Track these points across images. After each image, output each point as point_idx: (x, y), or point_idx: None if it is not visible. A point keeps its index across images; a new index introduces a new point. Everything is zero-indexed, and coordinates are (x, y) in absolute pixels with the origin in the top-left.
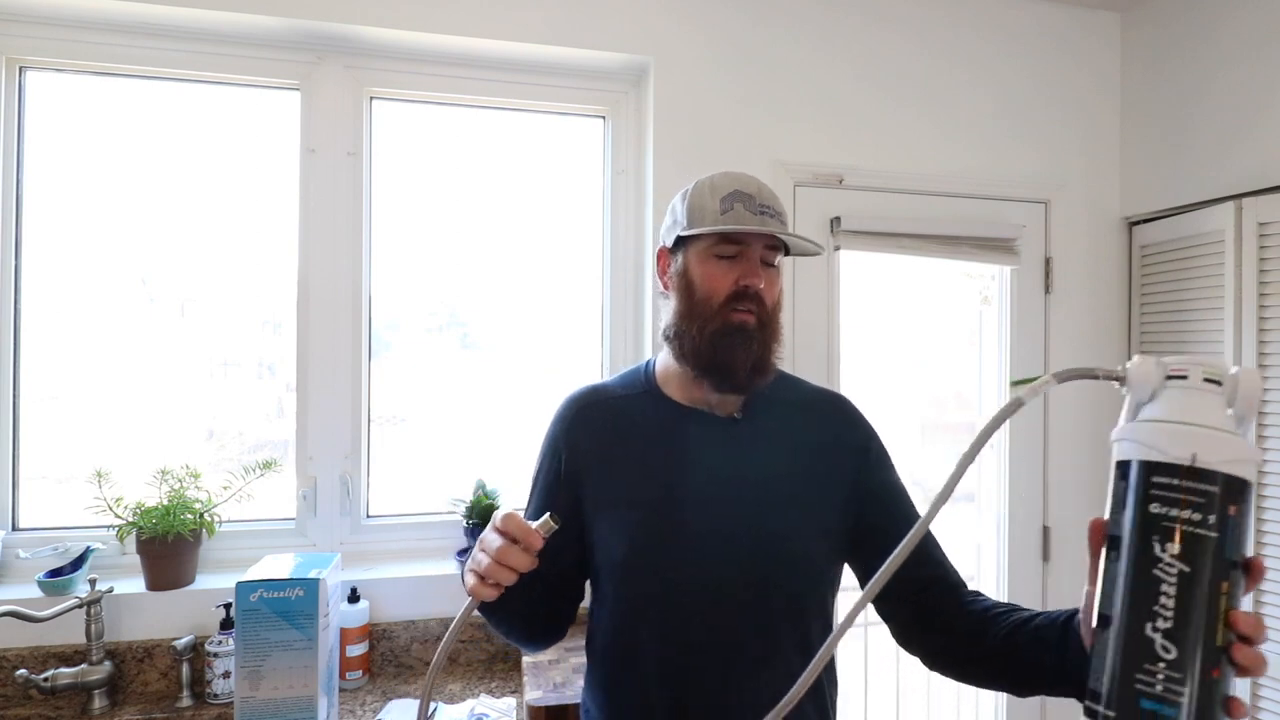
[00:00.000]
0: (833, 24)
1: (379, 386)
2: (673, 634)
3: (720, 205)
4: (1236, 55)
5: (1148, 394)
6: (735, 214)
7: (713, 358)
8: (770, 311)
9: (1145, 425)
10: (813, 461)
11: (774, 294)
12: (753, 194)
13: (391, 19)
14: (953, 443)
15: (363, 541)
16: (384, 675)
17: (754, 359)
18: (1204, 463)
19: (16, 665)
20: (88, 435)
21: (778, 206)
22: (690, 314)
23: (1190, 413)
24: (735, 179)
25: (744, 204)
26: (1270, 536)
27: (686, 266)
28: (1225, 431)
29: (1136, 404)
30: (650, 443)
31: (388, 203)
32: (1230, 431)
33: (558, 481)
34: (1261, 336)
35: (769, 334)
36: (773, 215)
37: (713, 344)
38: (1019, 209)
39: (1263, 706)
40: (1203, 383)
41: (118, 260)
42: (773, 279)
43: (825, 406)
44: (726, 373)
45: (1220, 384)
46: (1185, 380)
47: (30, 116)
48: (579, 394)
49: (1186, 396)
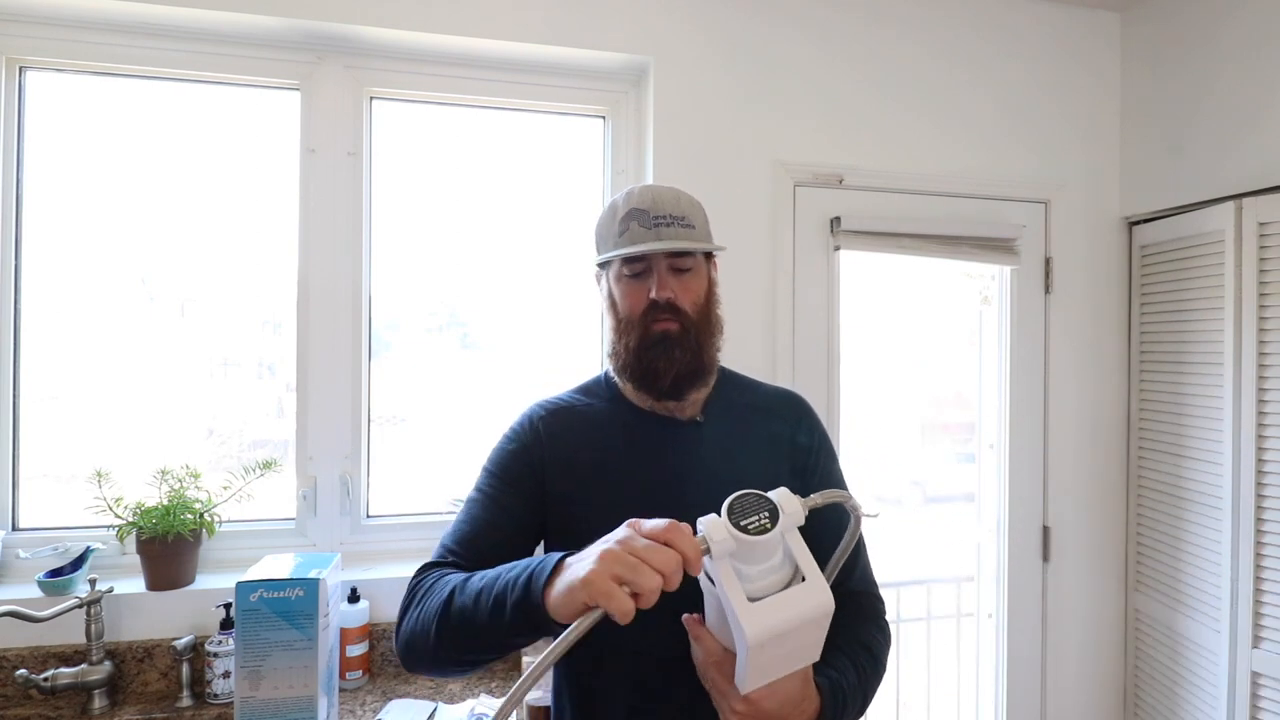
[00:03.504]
0: (833, 24)
1: (379, 386)
2: (631, 637)
3: (619, 227)
4: (1236, 55)
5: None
6: (631, 233)
7: (638, 368)
8: (695, 314)
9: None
10: (769, 460)
11: (693, 297)
12: (647, 208)
13: (391, 19)
14: (953, 443)
15: (363, 541)
16: (384, 675)
17: (679, 364)
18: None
19: (16, 665)
20: (88, 435)
21: (677, 211)
22: (618, 330)
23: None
24: (635, 196)
25: (639, 221)
26: (1270, 536)
27: (609, 288)
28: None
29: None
30: (615, 447)
31: (388, 203)
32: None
33: (529, 474)
34: (1261, 336)
35: (698, 336)
36: (670, 224)
37: (637, 356)
38: (1019, 209)
39: (1263, 707)
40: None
41: (118, 260)
42: (687, 283)
43: (780, 406)
44: (653, 379)
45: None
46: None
47: (30, 116)
48: (544, 402)
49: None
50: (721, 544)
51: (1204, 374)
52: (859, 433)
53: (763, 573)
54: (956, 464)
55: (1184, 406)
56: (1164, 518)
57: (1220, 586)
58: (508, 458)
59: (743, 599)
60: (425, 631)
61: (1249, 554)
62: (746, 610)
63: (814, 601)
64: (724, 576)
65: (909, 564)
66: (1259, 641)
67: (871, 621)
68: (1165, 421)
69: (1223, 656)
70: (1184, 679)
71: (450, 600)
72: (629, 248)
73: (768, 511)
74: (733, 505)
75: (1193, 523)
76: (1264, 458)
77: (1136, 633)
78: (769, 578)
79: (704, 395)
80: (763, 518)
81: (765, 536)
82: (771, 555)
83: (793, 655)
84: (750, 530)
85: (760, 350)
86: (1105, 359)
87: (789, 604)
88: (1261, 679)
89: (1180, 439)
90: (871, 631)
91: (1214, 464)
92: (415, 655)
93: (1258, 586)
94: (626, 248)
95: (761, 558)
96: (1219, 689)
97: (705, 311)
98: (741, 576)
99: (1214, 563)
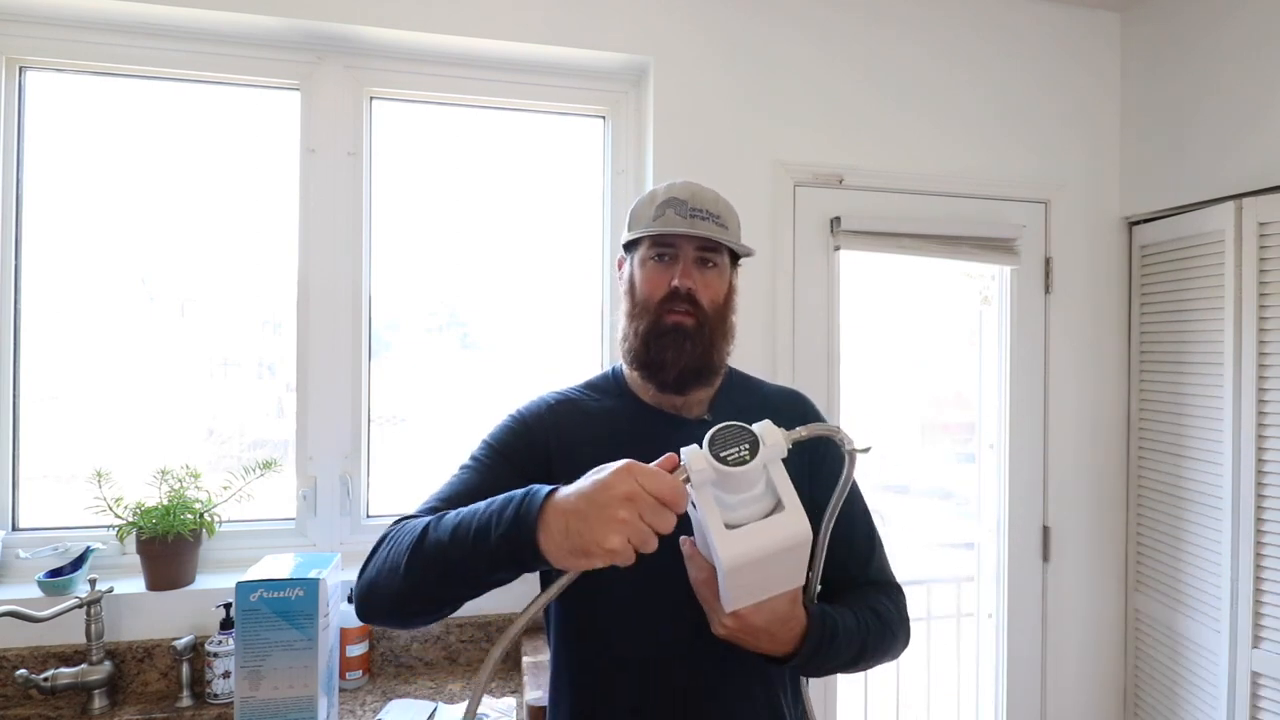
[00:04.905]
0: (833, 24)
1: (379, 386)
2: (635, 629)
3: (654, 212)
4: (1236, 55)
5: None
6: (666, 219)
7: (646, 356)
8: (711, 313)
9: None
10: None
11: (713, 294)
12: (685, 199)
13: (391, 19)
14: (953, 443)
15: (363, 541)
16: (384, 675)
17: (688, 359)
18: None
19: (16, 665)
20: (88, 435)
21: (715, 209)
22: (632, 315)
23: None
24: (677, 187)
25: (675, 209)
26: (1270, 536)
27: (632, 271)
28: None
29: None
30: (620, 442)
31: (388, 203)
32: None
33: (528, 454)
34: (1261, 336)
35: (711, 335)
36: (705, 218)
37: (646, 343)
38: (1019, 209)
39: (1263, 707)
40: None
41: (118, 260)
42: (710, 280)
43: (784, 404)
44: (658, 370)
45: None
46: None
47: (30, 116)
48: (555, 391)
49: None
50: (701, 474)
51: (1204, 374)
52: (859, 433)
53: (743, 502)
54: (956, 464)
55: (1184, 406)
56: (1164, 518)
57: (1220, 586)
58: (510, 434)
59: (720, 526)
60: (395, 567)
61: (1249, 554)
62: (723, 537)
63: (790, 530)
64: (704, 504)
65: (909, 564)
66: (1259, 641)
67: (884, 595)
68: (1165, 421)
69: (1223, 656)
70: (1184, 679)
71: (425, 532)
72: (662, 229)
73: (748, 444)
74: (714, 437)
75: (1193, 523)
76: (1264, 458)
77: (1136, 633)
78: (750, 507)
79: (710, 394)
80: (743, 450)
81: (744, 468)
82: (753, 486)
83: (773, 579)
84: (729, 461)
85: (760, 350)
86: (1105, 359)
87: (765, 531)
88: (1261, 679)
89: (1180, 439)
90: (881, 600)
91: (1214, 464)
92: (377, 596)
93: (1258, 586)
94: (659, 229)
95: (742, 487)
96: (1219, 689)
97: (722, 313)
98: (723, 505)
99: (1214, 563)
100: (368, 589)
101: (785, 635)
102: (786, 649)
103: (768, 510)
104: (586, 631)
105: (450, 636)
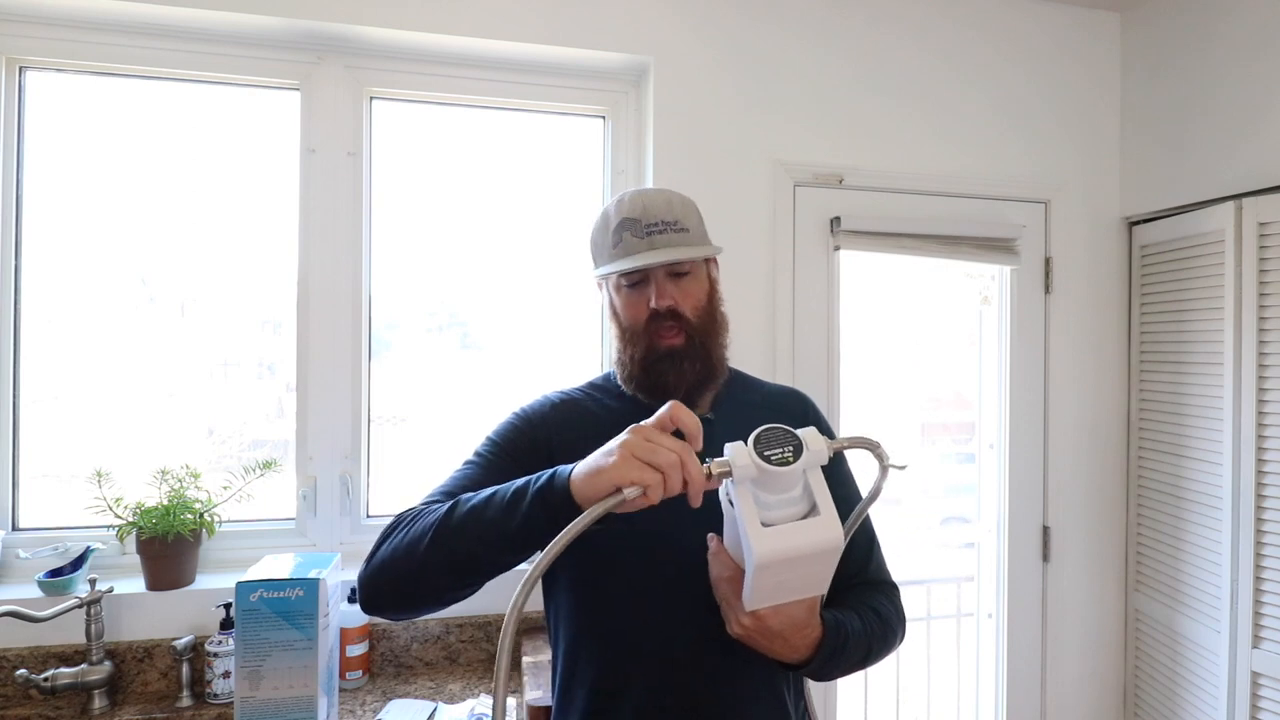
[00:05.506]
0: (833, 24)
1: (379, 386)
2: (653, 628)
3: (612, 240)
4: (1236, 55)
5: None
6: (625, 244)
7: (646, 381)
8: (697, 320)
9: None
10: None
11: (694, 302)
12: (638, 217)
13: (391, 19)
14: (952, 443)
15: (363, 541)
16: (384, 675)
17: (690, 376)
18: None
19: (16, 665)
20: (88, 435)
21: (670, 216)
22: (623, 339)
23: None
24: (625, 205)
25: (631, 230)
26: (1270, 536)
27: (610, 298)
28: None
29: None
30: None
31: (388, 203)
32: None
33: (532, 451)
34: (1261, 336)
35: (704, 341)
36: (662, 230)
37: (644, 369)
38: (1019, 209)
39: (1263, 707)
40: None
41: (118, 260)
42: (687, 288)
43: (786, 402)
44: (663, 392)
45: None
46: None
47: (30, 116)
48: (559, 391)
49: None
50: (744, 469)
51: (1204, 374)
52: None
53: (780, 503)
54: (956, 464)
55: (1184, 406)
56: (1164, 518)
57: (1220, 586)
58: (513, 432)
59: (756, 522)
60: (413, 546)
61: (1249, 554)
62: (758, 532)
63: (824, 535)
64: (742, 500)
65: (909, 564)
66: (1259, 641)
67: (882, 594)
68: (1165, 421)
69: (1223, 656)
70: (1184, 679)
71: (455, 506)
72: (623, 260)
73: (793, 447)
74: (760, 436)
75: (1193, 523)
76: (1264, 458)
77: (1136, 633)
78: (786, 509)
79: (714, 393)
80: (786, 451)
81: (787, 469)
82: (791, 488)
83: (799, 584)
84: (773, 461)
85: (760, 350)
86: (1105, 359)
87: (799, 533)
88: (1261, 679)
89: (1180, 439)
90: (881, 600)
91: (1214, 464)
92: (386, 578)
93: (1258, 586)
94: (620, 260)
95: (781, 488)
96: (1219, 689)
97: (708, 313)
98: (760, 503)
99: (1214, 563)
100: (376, 570)
101: (799, 642)
102: (799, 655)
103: (801, 514)
104: (602, 629)
105: (450, 636)
